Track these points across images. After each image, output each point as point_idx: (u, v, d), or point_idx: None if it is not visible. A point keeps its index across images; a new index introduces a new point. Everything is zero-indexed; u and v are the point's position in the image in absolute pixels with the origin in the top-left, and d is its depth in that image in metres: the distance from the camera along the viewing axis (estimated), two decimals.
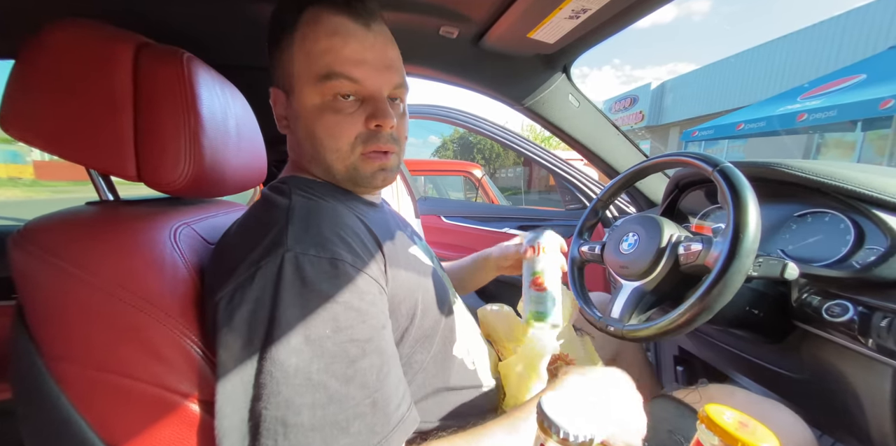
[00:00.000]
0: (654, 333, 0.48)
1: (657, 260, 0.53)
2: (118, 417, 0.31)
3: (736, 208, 0.44)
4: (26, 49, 0.35)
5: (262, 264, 0.32)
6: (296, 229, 0.35)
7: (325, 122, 0.41)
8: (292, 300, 0.31)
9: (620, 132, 1.03)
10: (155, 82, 0.37)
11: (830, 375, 0.52)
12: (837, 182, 0.52)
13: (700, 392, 0.60)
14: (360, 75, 0.39)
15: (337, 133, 0.41)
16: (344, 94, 0.40)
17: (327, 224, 0.37)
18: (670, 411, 0.58)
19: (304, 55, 0.39)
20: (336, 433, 0.29)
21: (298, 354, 0.30)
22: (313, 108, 0.41)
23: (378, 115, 0.40)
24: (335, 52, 0.38)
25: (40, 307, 0.33)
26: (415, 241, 0.53)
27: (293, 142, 0.47)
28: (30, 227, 0.34)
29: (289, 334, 0.30)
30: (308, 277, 0.32)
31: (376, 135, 0.42)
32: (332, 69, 0.39)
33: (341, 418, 0.30)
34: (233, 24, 0.69)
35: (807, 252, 0.56)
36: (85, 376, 0.31)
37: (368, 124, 0.41)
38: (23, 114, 0.36)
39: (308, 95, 0.40)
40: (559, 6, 0.61)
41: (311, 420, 0.29)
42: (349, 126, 0.41)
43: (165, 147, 0.38)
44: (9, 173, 18.90)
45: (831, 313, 0.49)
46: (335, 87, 0.39)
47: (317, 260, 0.33)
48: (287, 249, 0.33)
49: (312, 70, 0.39)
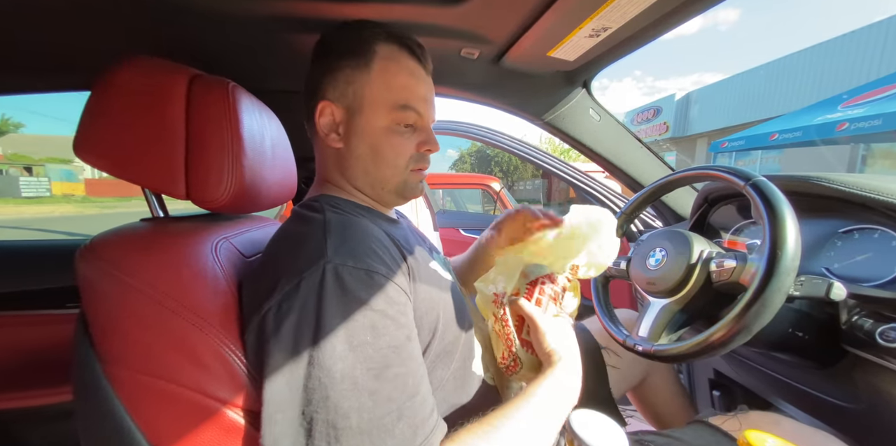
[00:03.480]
0: (686, 353, 0.46)
1: (687, 276, 0.51)
2: (163, 420, 0.33)
3: (772, 223, 0.42)
4: (99, 83, 0.40)
5: (306, 275, 0.35)
6: (334, 242, 0.38)
7: (392, 143, 0.47)
8: (335, 308, 0.34)
9: (644, 145, 1.01)
10: (205, 110, 0.42)
11: (891, 406, 0.47)
12: (886, 197, 0.49)
13: (740, 419, 0.56)
14: (423, 111, 0.48)
15: (400, 153, 0.48)
16: (408, 124, 0.48)
17: (360, 237, 0.40)
18: (706, 438, 0.54)
19: (383, 84, 0.46)
20: (383, 435, 0.31)
21: (343, 360, 0.32)
22: (382, 129, 0.47)
23: (430, 143, 0.49)
24: (411, 89, 0.47)
25: (100, 315, 0.36)
26: (433, 256, 0.54)
27: (344, 156, 0.49)
28: (95, 242, 0.38)
29: (333, 341, 0.32)
30: (348, 286, 0.35)
31: (424, 156, 0.50)
32: (409, 103, 0.47)
33: (387, 421, 0.32)
34: (268, 53, 0.75)
35: (855, 271, 0.53)
36: (136, 380, 0.33)
37: (420, 148, 0.49)
38: (93, 140, 0.40)
39: (380, 118, 0.46)
40: (580, 26, 0.63)
41: (359, 423, 0.31)
42: (407, 148, 0.48)
43: (211, 168, 0.42)
44: (63, 191, 20.63)
45: (886, 338, 0.45)
46: (407, 117, 0.47)
47: (355, 270, 0.36)
48: (328, 260, 0.35)
49: (391, 99, 0.46)
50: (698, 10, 0.61)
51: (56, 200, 17.43)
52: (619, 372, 0.74)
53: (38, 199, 16.91)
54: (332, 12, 0.62)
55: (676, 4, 0.58)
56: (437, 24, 0.67)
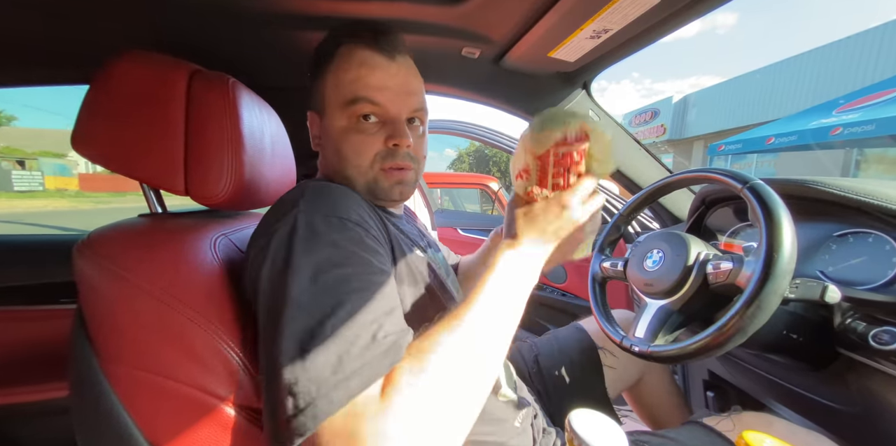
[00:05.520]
0: (682, 354, 0.46)
1: (684, 278, 0.51)
2: (160, 416, 0.33)
3: (769, 226, 0.42)
4: (97, 77, 0.39)
5: (278, 226, 0.36)
6: (309, 197, 0.38)
7: (350, 141, 0.45)
8: (304, 247, 0.34)
9: (642, 147, 1.02)
10: (205, 106, 0.41)
11: (884, 408, 0.48)
12: (881, 201, 0.50)
13: (733, 419, 0.56)
14: (381, 99, 0.44)
15: (360, 150, 0.45)
16: (366, 115, 0.45)
17: (338, 195, 0.40)
18: (701, 439, 0.55)
19: (335, 83, 0.45)
20: (347, 348, 0.29)
21: (307, 291, 0.31)
22: (340, 129, 0.46)
23: (396, 135, 0.45)
24: (362, 79, 0.44)
25: (98, 310, 0.35)
26: (428, 251, 0.53)
27: (323, 159, 0.52)
28: (92, 237, 0.37)
29: (301, 275, 0.32)
30: (318, 230, 0.35)
31: (394, 152, 0.46)
32: (357, 94, 0.44)
33: (350, 335, 0.30)
34: (268, 50, 0.74)
35: (849, 274, 0.53)
36: (133, 376, 0.33)
37: (387, 143, 0.45)
38: (91, 135, 0.40)
39: (337, 118, 0.46)
40: (581, 27, 0.63)
41: (324, 340, 0.29)
42: (370, 145, 0.45)
43: (211, 164, 0.42)
44: (57, 185, 20.40)
45: (879, 340, 0.45)
46: (359, 109, 0.44)
47: (326, 217, 0.36)
48: (300, 210, 0.36)
49: (341, 96, 0.45)
50: (698, 13, 0.61)
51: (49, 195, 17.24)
52: (615, 372, 0.75)
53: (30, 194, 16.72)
54: (332, 10, 0.62)
55: (677, 7, 0.59)
56: (439, 23, 0.66)
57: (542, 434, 0.55)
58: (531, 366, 0.74)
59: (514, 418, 0.51)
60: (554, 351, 0.77)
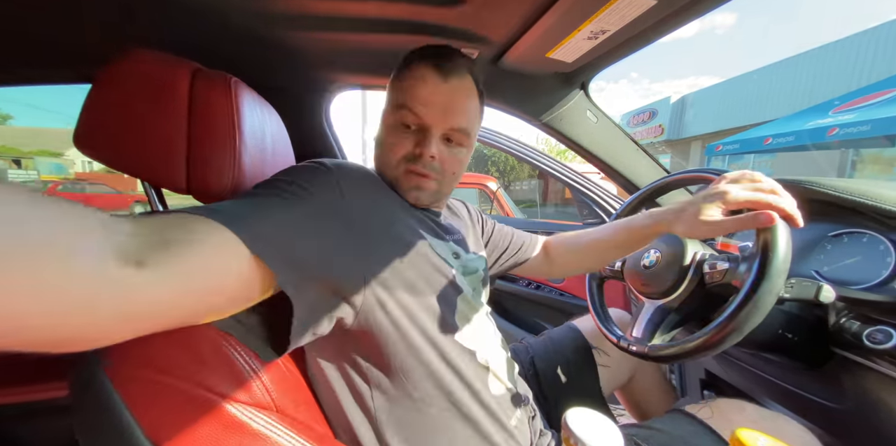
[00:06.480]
0: (679, 353, 0.46)
1: (681, 278, 0.52)
2: (161, 414, 0.33)
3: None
4: (101, 76, 0.39)
5: None
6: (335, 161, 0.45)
7: (389, 139, 0.52)
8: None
9: (640, 147, 1.02)
10: (207, 105, 0.41)
11: (877, 407, 0.49)
12: (875, 202, 0.50)
13: (711, 406, 0.58)
14: (421, 112, 0.49)
15: (393, 148, 0.51)
16: (406, 124, 0.50)
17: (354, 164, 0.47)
18: (685, 428, 0.56)
19: (397, 87, 0.52)
20: None
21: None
22: (388, 125, 0.52)
23: (421, 144, 0.50)
24: (413, 91, 0.49)
25: None
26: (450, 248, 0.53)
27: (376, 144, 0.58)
28: None
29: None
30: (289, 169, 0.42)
31: (418, 159, 0.50)
32: (405, 102, 0.49)
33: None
34: (269, 50, 0.74)
35: (844, 274, 0.54)
36: (133, 374, 0.33)
37: (415, 149, 0.50)
38: (94, 133, 0.40)
39: (388, 115, 0.52)
40: (578, 28, 0.63)
41: None
42: (402, 146, 0.51)
43: (212, 162, 0.42)
44: None
45: (873, 340, 0.46)
46: (402, 116, 0.50)
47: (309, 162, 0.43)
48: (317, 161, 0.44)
49: (395, 99, 0.51)
50: (696, 14, 0.61)
51: None
52: (608, 371, 0.75)
53: None
54: (332, 10, 0.62)
55: (675, 8, 0.59)
56: (436, 23, 0.67)
57: (539, 435, 0.55)
58: (528, 368, 0.74)
59: (511, 416, 0.51)
60: (549, 352, 0.77)
